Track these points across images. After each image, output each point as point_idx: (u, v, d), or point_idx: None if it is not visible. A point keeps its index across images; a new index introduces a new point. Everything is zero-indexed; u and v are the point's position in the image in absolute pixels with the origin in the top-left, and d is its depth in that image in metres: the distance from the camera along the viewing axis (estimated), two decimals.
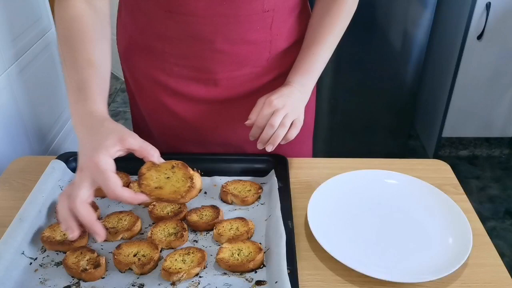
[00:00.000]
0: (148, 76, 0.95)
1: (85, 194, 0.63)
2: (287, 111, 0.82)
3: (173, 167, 0.71)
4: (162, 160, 0.70)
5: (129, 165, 0.89)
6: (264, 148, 0.83)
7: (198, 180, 0.71)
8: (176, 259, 0.70)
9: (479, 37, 2.19)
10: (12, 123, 1.18)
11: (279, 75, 0.94)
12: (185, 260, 0.70)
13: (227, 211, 0.82)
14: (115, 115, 3.00)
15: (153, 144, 0.69)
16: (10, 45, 1.18)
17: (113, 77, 3.31)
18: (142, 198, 0.66)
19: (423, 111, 2.69)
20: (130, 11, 0.92)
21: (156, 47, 0.91)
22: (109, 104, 3.09)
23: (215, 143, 1.00)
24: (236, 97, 0.95)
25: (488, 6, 2.12)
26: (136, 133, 0.68)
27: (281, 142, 0.83)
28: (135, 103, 1.03)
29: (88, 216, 0.63)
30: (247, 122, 0.85)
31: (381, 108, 2.38)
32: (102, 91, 0.73)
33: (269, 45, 0.91)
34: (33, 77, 1.29)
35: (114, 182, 0.62)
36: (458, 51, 2.24)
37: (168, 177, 0.70)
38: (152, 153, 0.68)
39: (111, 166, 0.63)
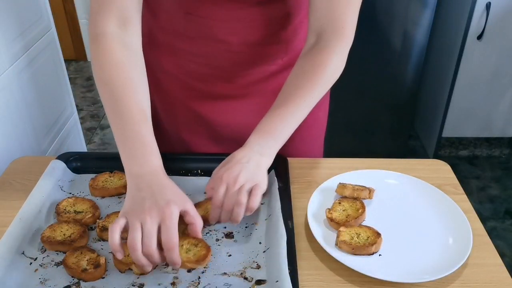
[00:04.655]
0: (164, 70, 0.96)
1: (156, 239, 0.66)
2: (240, 183, 0.75)
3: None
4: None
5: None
6: None
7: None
8: (182, 246, 0.71)
9: (479, 37, 2.19)
10: (12, 123, 1.18)
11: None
12: (189, 250, 0.71)
13: None
14: None
15: (166, 140, 0.69)
16: (10, 45, 1.18)
17: None
18: (180, 262, 0.68)
19: (423, 111, 2.69)
20: (151, 7, 0.92)
21: (175, 44, 0.92)
22: None
23: (229, 139, 1.00)
24: (250, 93, 0.96)
25: (488, 6, 2.12)
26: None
27: (246, 213, 0.75)
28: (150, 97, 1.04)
29: (161, 259, 0.67)
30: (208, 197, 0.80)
31: (381, 108, 2.38)
32: (155, 143, 0.75)
33: (286, 46, 0.92)
34: (33, 77, 1.29)
35: (177, 236, 0.66)
36: (458, 51, 2.24)
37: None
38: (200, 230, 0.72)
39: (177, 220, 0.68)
